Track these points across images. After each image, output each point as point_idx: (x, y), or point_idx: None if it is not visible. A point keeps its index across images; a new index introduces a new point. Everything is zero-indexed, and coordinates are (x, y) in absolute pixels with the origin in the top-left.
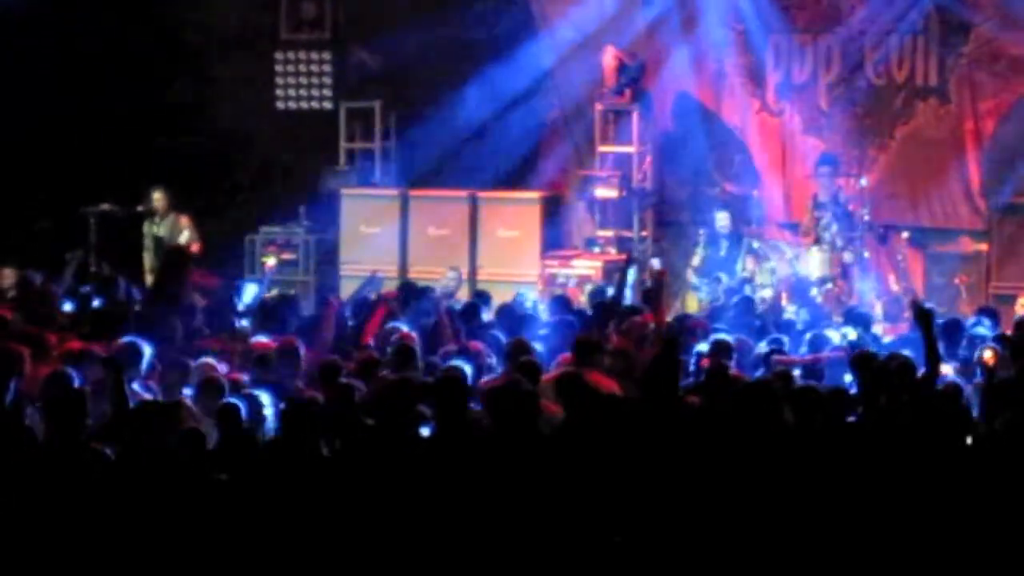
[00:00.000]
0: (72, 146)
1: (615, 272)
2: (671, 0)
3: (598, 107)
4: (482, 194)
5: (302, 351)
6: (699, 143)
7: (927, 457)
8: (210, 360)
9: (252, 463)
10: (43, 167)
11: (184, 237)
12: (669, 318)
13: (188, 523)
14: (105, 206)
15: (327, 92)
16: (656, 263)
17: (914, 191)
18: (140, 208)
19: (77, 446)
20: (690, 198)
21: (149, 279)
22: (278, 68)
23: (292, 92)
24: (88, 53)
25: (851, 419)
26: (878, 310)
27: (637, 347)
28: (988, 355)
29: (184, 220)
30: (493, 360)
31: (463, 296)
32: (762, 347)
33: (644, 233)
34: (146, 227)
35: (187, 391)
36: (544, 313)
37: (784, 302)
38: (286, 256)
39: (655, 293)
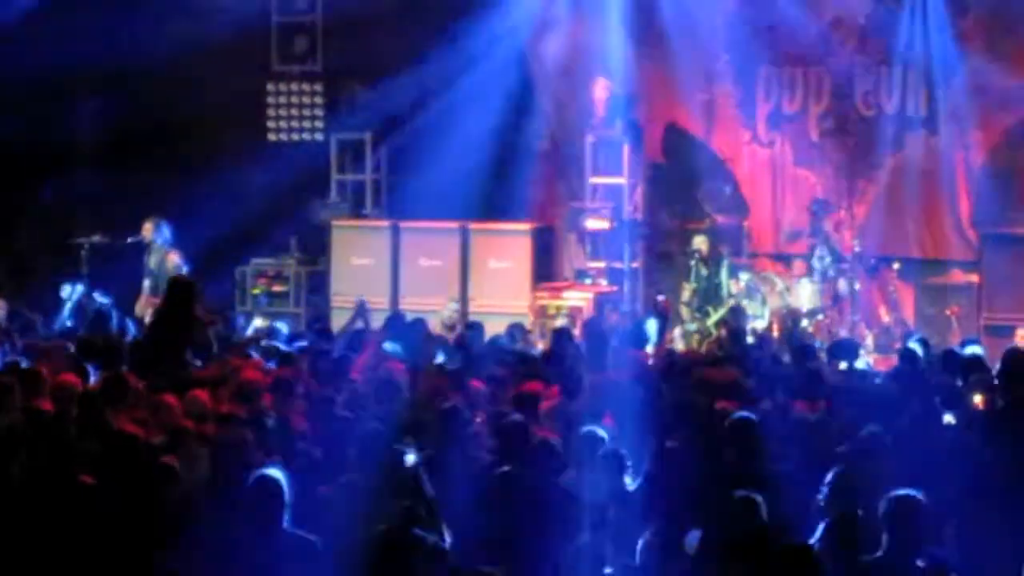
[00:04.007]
0: (63, 177)
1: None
2: (660, 32)
3: (589, 139)
4: (473, 225)
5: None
6: (689, 174)
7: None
8: (201, 392)
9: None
10: (35, 198)
11: (171, 274)
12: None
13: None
14: (96, 237)
15: (318, 124)
16: (661, 297)
17: (904, 222)
18: (130, 239)
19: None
20: (680, 229)
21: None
22: (270, 100)
23: (284, 124)
24: (79, 82)
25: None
26: (869, 341)
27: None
28: (978, 399)
29: (173, 257)
30: None
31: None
32: None
33: (635, 264)
34: (145, 257)
35: None
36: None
37: (775, 333)
38: (277, 288)
39: (659, 324)
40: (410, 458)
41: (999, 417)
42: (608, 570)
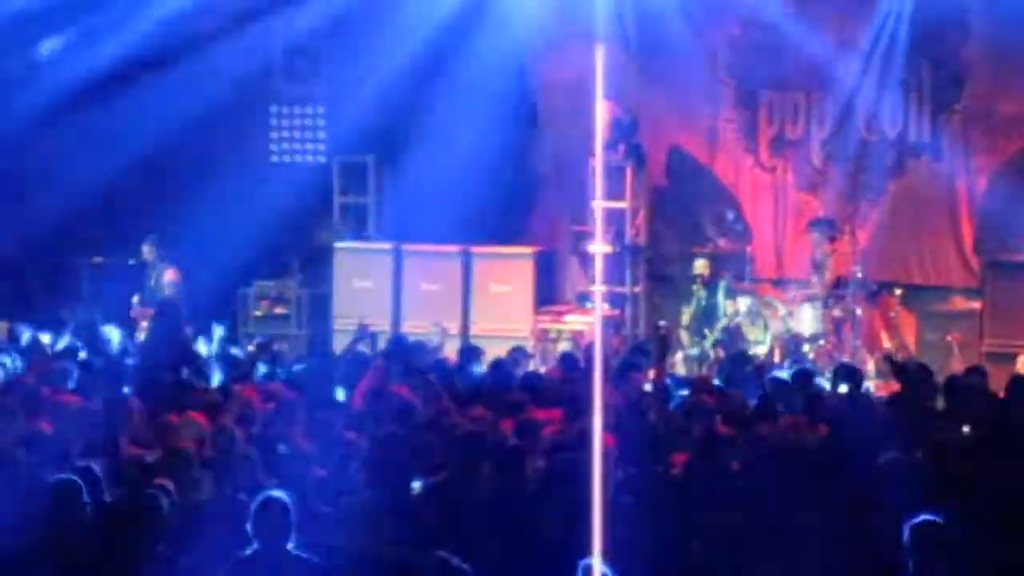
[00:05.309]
0: (65, 197)
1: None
2: (664, 56)
3: (592, 162)
4: (475, 249)
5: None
6: (692, 198)
7: None
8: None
9: None
10: (37, 219)
11: (167, 291)
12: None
13: None
14: (97, 258)
15: (321, 146)
16: (662, 322)
17: (906, 248)
18: (132, 261)
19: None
20: (683, 253)
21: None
22: (272, 122)
23: (286, 146)
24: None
25: None
26: (870, 367)
27: (634, 403)
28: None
29: (169, 274)
30: None
31: (450, 351)
32: None
33: (636, 289)
34: (145, 278)
35: None
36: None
37: (777, 358)
38: (279, 310)
39: (658, 349)
40: (416, 484)
41: (1001, 444)
42: None
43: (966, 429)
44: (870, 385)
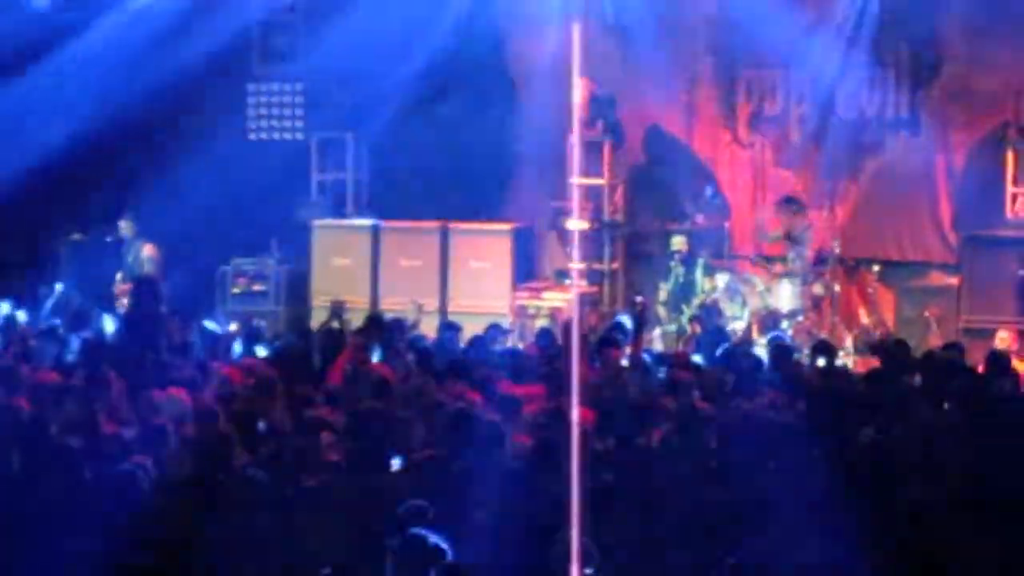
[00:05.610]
0: (43, 174)
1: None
2: (642, 33)
3: (570, 139)
4: (453, 225)
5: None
6: (670, 175)
7: None
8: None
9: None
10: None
11: (145, 267)
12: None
13: None
14: (76, 236)
15: (299, 123)
16: (638, 298)
17: (884, 224)
18: (109, 238)
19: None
20: (661, 230)
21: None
22: (250, 100)
23: (264, 123)
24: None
25: None
26: (848, 343)
27: (613, 379)
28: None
29: (147, 249)
30: None
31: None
32: None
33: (614, 265)
34: (123, 255)
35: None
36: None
37: (755, 335)
38: (257, 287)
39: (636, 326)
40: (395, 462)
41: (979, 419)
42: (588, 571)
43: (945, 405)
44: (848, 361)
